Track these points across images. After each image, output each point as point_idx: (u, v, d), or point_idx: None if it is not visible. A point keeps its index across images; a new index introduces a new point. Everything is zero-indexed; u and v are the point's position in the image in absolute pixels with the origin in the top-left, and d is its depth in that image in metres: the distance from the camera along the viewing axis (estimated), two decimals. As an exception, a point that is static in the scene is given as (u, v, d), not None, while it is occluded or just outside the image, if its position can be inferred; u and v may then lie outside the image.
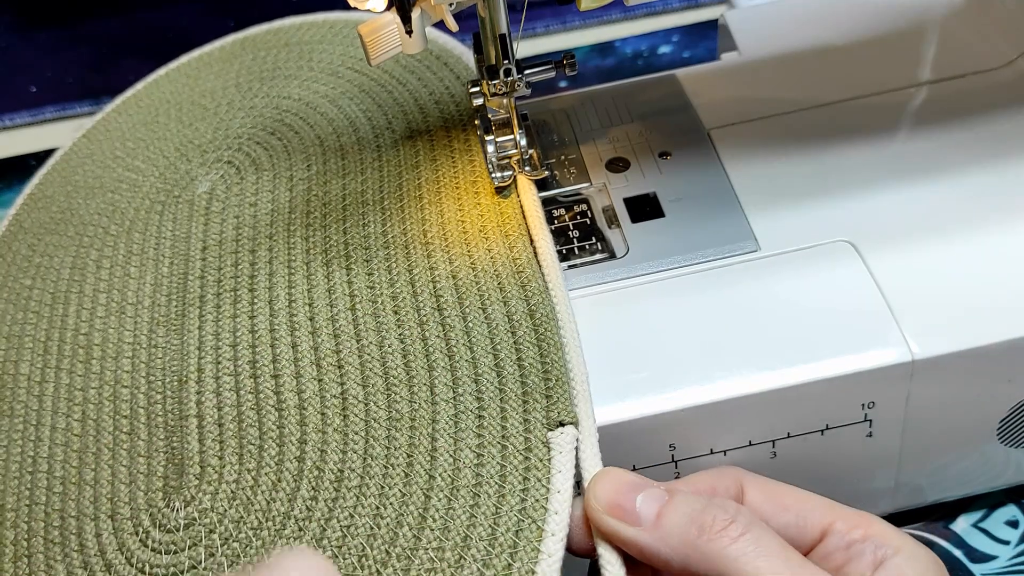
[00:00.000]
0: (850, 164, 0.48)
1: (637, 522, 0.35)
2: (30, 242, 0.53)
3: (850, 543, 0.36)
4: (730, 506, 0.34)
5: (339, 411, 0.40)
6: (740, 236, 0.45)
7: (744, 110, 0.51)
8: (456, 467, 0.38)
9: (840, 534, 0.36)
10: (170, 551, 0.39)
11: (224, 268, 0.47)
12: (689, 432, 0.41)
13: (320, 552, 0.35)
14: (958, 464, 0.45)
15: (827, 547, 0.36)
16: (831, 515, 0.36)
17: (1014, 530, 0.48)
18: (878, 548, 0.35)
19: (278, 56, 0.59)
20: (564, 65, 0.46)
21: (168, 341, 0.45)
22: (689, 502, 0.35)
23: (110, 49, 0.79)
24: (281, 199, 0.50)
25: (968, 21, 0.54)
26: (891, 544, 0.35)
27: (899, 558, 0.35)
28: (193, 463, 0.41)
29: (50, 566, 0.40)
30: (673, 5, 0.76)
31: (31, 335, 0.48)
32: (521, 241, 0.45)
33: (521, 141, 0.48)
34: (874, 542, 0.35)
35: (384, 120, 0.53)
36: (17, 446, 0.44)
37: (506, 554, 0.35)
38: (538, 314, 0.42)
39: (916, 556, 0.35)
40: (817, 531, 0.36)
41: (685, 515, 0.34)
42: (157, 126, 0.57)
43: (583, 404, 0.39)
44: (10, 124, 0.75)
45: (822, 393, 0.41)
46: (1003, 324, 0.41)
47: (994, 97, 0.50)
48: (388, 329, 0.43)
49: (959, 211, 0.45)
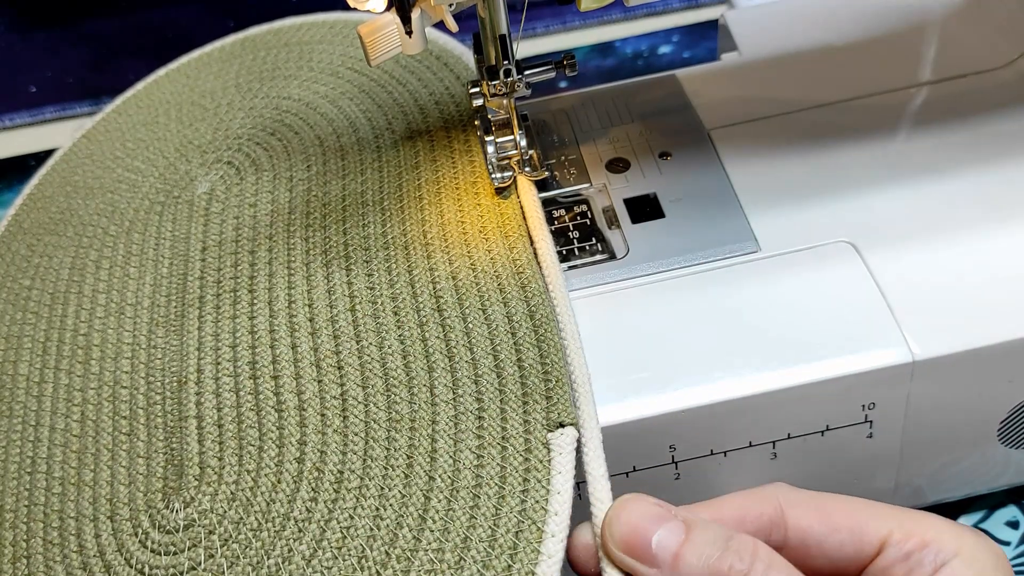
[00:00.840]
0: (850, 164, 0.48)
1: (654, 563, 0.34)
2: (29, 242, 0.53)
3: (908, 553, 0.34)
4: (747, 551, 0.33)
5: (339, 412, 0.40)
6: (740, 237, 0.45)
7: (744, 110, 0.51)
8: (456, 468, 0.38)
9: (897, 545, 0.35)
10: (169, 552, 0.39)
11: (224, 269, 0.47)
12: (689, 433, 0.41)
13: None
14: (958, 465, 0.45)
15: (886, 559, 0.35)
16: (887, 524, 0.35)
17: (1014, 531, 0.48)
18: (937, 554, 0.34)
19: (278, 56, 0.59)
20: (564, 65, 0.46)
21: (167, 342, 0.45)
22: (707, 543, 0.34)
23: (110, 49, 0.79)
24: (281, 200, 0.50)
25: (968, 21, 0.54)
26: (949, 548, 0.34)
27: (956, 561, 0.34)
28: (192, 464, 0.41)
29: (49, 567, 0.40)
30: (673, 5, 0.76)
31: (30, 335, 0.48)
32: (521, 242, 0.45)
33: (521, 142, 0.48)
34: (932, 548, 0.34)
35: (384, 120, 0.53)
36: (16, 447, 0.44)
37: (506, 555, 0.35)
38: (538, 315, 0.42)
39: (975, 558, 0.34)
40: (874, 544, 0.35)
41: (702, 560, 0.33)
42: (157, 126, 0.57)
43: (586, 405, 0.39)
44: (10, 124, 0.75)
45: (822, 394, 0.41)
46: (1003, 324, 0.41)
47: (994, 97, 0.50)
48: (388, 330, 0.43)
49: (960, 211, 0.45)
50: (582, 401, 0.39)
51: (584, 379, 0.39)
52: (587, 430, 0.38)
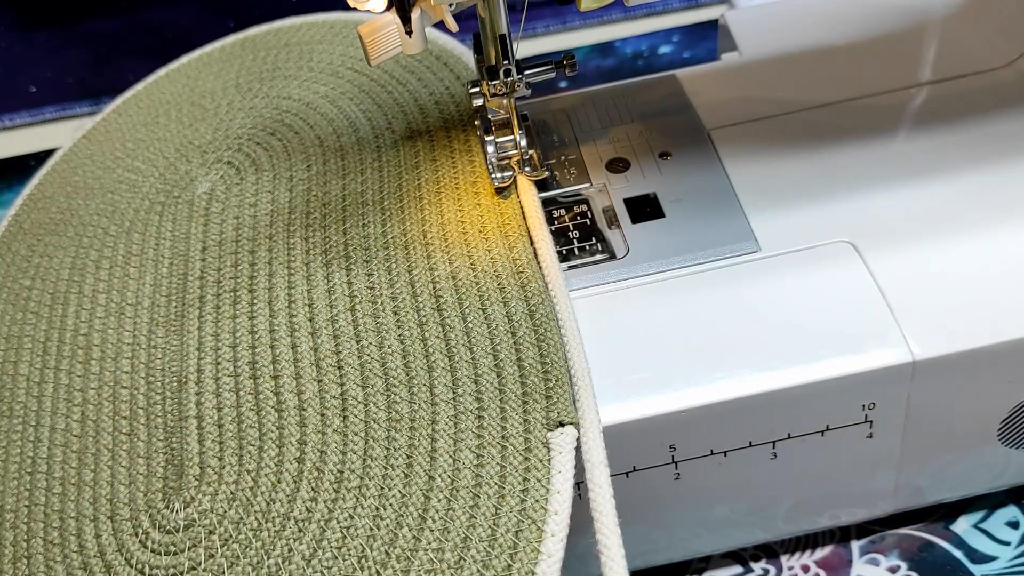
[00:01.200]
0: (851, 164, 0.48)
1: None
2: (29, 243, 0.53)
3: None
4: None
5: (339, 412, 0.40)
6: (740, 236, 0.45)
7: (744, 110, 0.51)
8: (456, 468, 0.38)
9: None
10: (170, 552, 0.39)
11: (224, 269, 0.47)
12: (689, 433, 0.41)
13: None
14: (958, 465, 0.45)
15: None
16: None
17: (1015, 531, 0.48)
18: None
19: (278, 56, 0.59)
20: (564, 65, 0.46)
21: (168, 342, 0.45)
22: None
23: (110, 49, 0.79)
24: (281, 200, 0.50)
25: (969, 21, 0.54)
26: None
27: None
28: (193, 464, 0.41)
29: (50, 567, 0.40)
30: (673, 5, 0.76)
31: (30, 335, 0.48)
32: (521, 242, 0.45)
33: (521, 141, 0.48)
34: None
35: (384, 120, 0.53)
36: (16, 447, 0.44)
37: (506, 555, 0.35)
38: (538, 314, 0.42)
39: None
40: None
41: None
42: (157, 127, 0.57)
43: (586, 401, 0.39)
44: (10, 124, 0.75)
45: (822, 394, 0.41)
46: (1003, 324, 0.41)
47: (995, 97, 0.50)
48: (388, 330, 0.43)
49: (960, 211, 0.45)
50: (583, 397, 0.39)
51: (585, 377, 0.39)
52: (589, 426, 0.38)
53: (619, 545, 0.36)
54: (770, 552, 0.48)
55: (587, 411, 0.38)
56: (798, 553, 0.48)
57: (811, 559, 0.48)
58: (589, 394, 0.39)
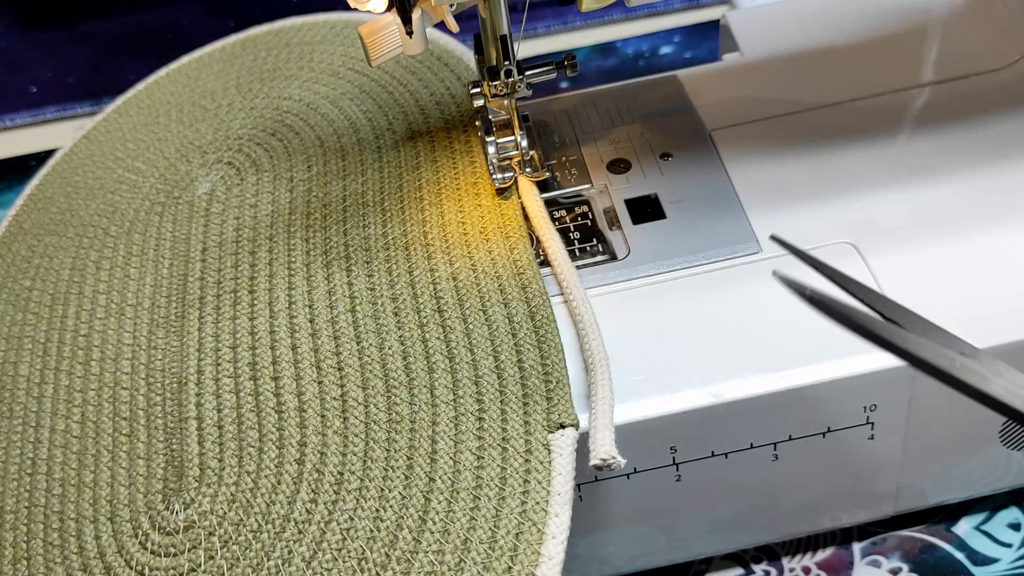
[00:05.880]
0: (852, 165, 0.48)
1: None
2: (30, 243, 0.53)
3: None
4: None
5: (339, 413, 0.40)
6: (741, 238, 0.45)
7: (746, 111, 0.51)
8: (456, 469, 0.38)
9: None
10: (169, 553, 0.39)
11: (224, 269, 0.47)
12: (691, 434, 0.41)
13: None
14: (960, 467, 0.45)
15: None
16: None
17: (1016, 533, 0.48)
18: None
19: (279, 57, 0.59)
20: (565, 66, 0.46)
21: (168, 343, 0.45)
22: None
23: (110, 49, 0.79)
24: (281, 200, 0.50)
25: (970, 22, 0.54)
26: None
27: None
28: (192, 465, 0.41)
29: (49, 568, 0.40)
30: (674, 6, 0.76)
31: (30, 336, 0.48)
32: (522, 243, 0.45)
33: (522, 142, 0.48)
34: None
35: (385, 121, 0.53)
36: (16, 448, 0.44)
37: (506, 557, 0.35)
38: (539, 316, 0.42)
39: None
40: None
41: None
42: (157, 127, 0.57)
43: (602, 377, 0.39)
44: (10, 124, 0.75)
45: (824, 395, 0.41)
46: (1004, 325, 0.41)
47: (996, 98, 0.50)
48: (388, 331, 0.43)
49: (961, 213, 0.45)
50: (599, 377, 0.39)
51: (602, 362, 0.39)
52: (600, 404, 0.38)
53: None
54: (771, 554, 0.48)
55: (602, 382, 0.39)
56: (799, 555, 0.48)
57: (812, 561, 0.48)
58: (606, 372, 0.39)
